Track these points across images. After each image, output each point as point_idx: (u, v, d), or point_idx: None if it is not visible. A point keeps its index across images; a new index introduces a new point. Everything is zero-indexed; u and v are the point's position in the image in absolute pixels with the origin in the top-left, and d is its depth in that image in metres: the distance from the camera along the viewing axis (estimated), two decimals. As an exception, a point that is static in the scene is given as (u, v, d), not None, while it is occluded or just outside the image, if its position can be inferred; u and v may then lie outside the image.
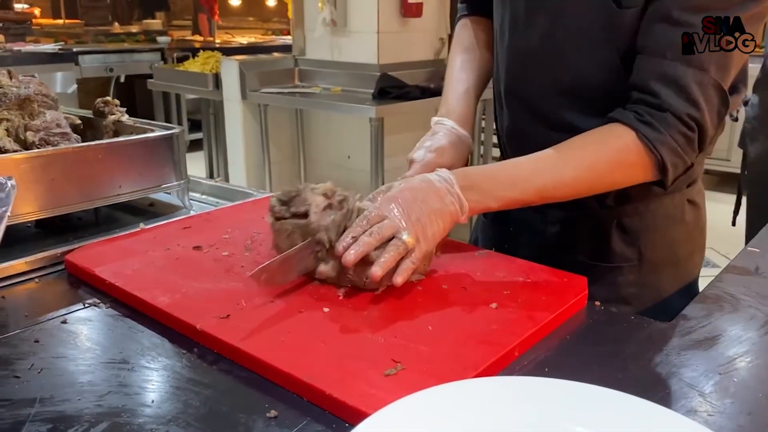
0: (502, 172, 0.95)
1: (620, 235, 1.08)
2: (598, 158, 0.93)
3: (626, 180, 0.95)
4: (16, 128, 1.20)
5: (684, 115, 0.90)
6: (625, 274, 1.08)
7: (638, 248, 1.08)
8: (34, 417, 0.65)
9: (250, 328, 0.78)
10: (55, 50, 5.35)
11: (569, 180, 0.93)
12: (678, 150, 0.91)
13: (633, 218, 1.07)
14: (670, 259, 1.11)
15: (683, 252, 1.12)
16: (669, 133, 0.90)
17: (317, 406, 0.67)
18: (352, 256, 0.83)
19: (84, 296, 0.93)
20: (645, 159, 0.91)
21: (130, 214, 1.31)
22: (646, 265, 1.08)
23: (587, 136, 0.94)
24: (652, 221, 1.08)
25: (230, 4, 8.18)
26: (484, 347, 0.74)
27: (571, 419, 0.57)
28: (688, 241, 1.13)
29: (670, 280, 1.11)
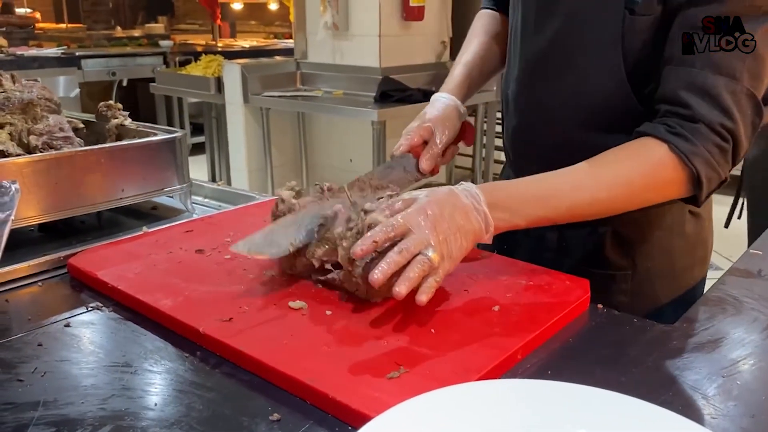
0: (531, 189, 0.90)
1: (615, 243, 1.06)
2: (632, 174, 0.89)
3: (660, 196, 0.92)
4: (19, 132, 1.20)
5: (717, 126, 0.86)
6: (617, 282, 1.06)
7: (632, 258, 1.07)
8: (37, 420, 0.66)
9: (252, 331, 0.79)
10: (57, 54, 5.36)
11: (603, 198, 0.89)
12: (713, 162, 0.87)
13: (629, 227, 1.05)
14: (667, 271, 1.09)
15: (681, 264, 1.10)
16: (703, 144, 0.86)
17: (320, 410, 0.67)
18: (379, 276, 0.77)
19: (87, 300, 0.94)
20: (680, 173, 0.87)
21: (133, 218, 1.31)
22: (640, 274, 1.07)
23: (619, 151, 0.90)
24: (648, 231, 1.06)
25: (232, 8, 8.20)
26: (487, 350, 0.74)
27: (574, 422, 0.57)
28: (688, 253, 1.10)
29: (665, 290, 1.09)
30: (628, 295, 1.06)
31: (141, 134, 1.32)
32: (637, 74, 0.95)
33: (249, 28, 8.54)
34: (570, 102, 1.02)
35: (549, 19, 1.02)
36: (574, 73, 1.01)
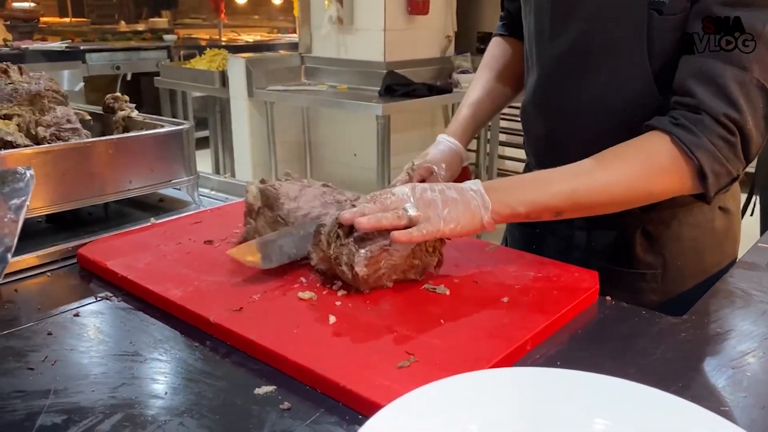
0: (530, 176, 0.90)
1: (644, 242, 1.05)
2: (631, 164, 0.87)
3: (663, 189, 0.89)
4: (27, 123, 1.20)
5: (722, 116, 0.83)
6: (648, 281, 1.04)
7: (663, 256, 1.05)
8: (48, 408, 0.66)
9: (263, 321, 0.79)
10: (62, 48, 5.36)
11: (600, 186, 0.87)
12: (718, 156, 0.84)
13: (658, 226, 1.04)
14: (697, 268, 1.07)
15: (711, 261, 1.08)
16: (706, 136, 0.84)
17: (331, 398, 0.67)
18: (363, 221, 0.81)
19: (96, 290, 0.94)
20: (682, 165, 0.85)
21: (140, 210, 1.31)
22: (670, 273, 1.05)
23: (624, 144, 0.89)
24: (678, 229, 1.04)
25: (236, 2, 8.19)
26: (496, 341, 0.74)
27: (589, 410, 0.57)
28: (717, 249, 1.08)
29: (696, 288, 1.06)
30: (658, 294, 1.04)
31: (148, 126, 1.32)
32: (665, 74, 0.93)
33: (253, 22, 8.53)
34: (595, 106, 1.00)
35: (567, 24, 1.00)
36: (598, 76, 0.99)
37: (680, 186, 0.88)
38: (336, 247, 0.84)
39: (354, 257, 0.83)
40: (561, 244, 1.10)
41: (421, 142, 3.81)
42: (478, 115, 1.21)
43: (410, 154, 1.12)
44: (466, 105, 1.22)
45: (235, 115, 3.98)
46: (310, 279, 0.91)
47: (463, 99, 1.25)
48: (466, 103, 1.23)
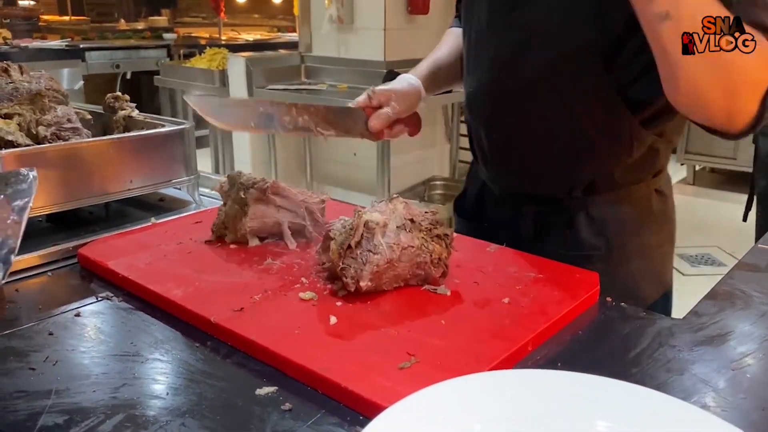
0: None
1: (588, 224, 1.08)
2: None
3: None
4: (27, 123, 1.20)
5: None
6: (594, 262, 1.06)
7: (606, 237, 1.09)
8: (50, 408, 0.66)
9: (264, 321, 0.79)
10: (61, 47, 5.37)
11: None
12: None
13: (600, 208, 1.08)
14: (639, 249, 1.11)
15: (652, 242, 1.13)
16: None
17: (332, 399, 0.67)
18: None
19: (97, 289, 0.94)
20: None
21: (141, 209, 1.31)
22: (614, 253, 1.09)
23: None
24: (618, 211, 1.09)
25: (236, 1, 8.19)
26: (498, 342, 0.74)
27: (590, 413, 0.57)
28: (656, 231, 1.13)
29: (639, 269, 1.11)
30: (605, 276, 1.04)
31: (148, 125, 1.32)
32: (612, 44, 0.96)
33: (252, 21, 8.52)
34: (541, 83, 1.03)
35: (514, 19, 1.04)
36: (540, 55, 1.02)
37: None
38: (345, 259, 0.85)
39: (361, 271, 0.83)
40: (510, 236, 1.11)
41: (421, 141, 3.81)
42: (440, 73, 1.26)
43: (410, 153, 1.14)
44: (429, 59, 1.28)
45: (235, 114, 3.97)
46: (311, 279, 0.91)
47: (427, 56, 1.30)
48: (430, 58, 1.28)
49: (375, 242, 0.84)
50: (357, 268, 0.83)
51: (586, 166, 1.07)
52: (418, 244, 0.86)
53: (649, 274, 1.13)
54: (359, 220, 0.85)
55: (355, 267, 0.83)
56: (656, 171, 1.11)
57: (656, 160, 1.08)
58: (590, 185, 1.07)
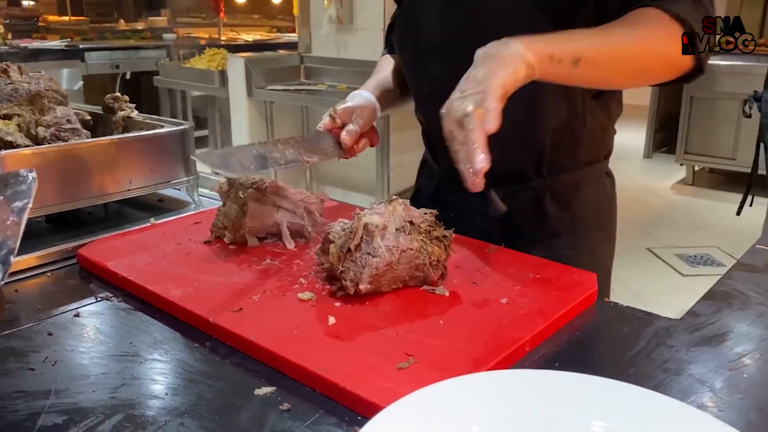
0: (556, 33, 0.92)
1: (554, 202, 1.18)
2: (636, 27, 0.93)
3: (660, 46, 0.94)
4: (27, 123, 1.21)
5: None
6: (561, 235, 1.17)
7: (570, 213, 1.18)
8: (49, 408, 0.66)
9: (263, 322, 0.79)
10: (61, 47, 5.36)
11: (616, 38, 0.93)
12: (696, 18, 0.92)
13: (564, 188, 1.18)
14: (597, 222, 1.23)
15: (606, 218, 1.25)
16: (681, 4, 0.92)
17: (330, 399, 0.68)
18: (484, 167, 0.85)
19: (96, 290, 0.94)
20: (676, 27, 0.92)
21: (140, 210, 1.31)
22: (577, 226, 1.19)
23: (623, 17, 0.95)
24: (580, 190, 1.19)
25: (235, 2, 8.19)
26: (496, 342, 0.75)
27: (587, 412, 0.57)
28: (608, 207, 1.26)
29: (599, 241, 1.23)
30: (571, 248, 1.16)
31: (148, 126, 1.32)
32: None
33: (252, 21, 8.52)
34: None
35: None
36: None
37: (676, 46, 0.93)
38: (345, 262, 0.85)
39: (360, 275, 0.83)
40: (480, 221, 1.13)
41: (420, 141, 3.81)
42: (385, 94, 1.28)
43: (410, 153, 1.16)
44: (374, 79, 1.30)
45: (235, 115, 3.98)
46: (310, 280, 0.91)
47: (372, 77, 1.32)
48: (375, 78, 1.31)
49: (374, 245, 0.84)
50: (356, 271, 0.83)
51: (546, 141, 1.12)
52: (417, 246, 0.87)
53: (604, 246, 1.25)
54: (358, 223, 0.86)
55: (355, 270, 0.84)
56: (607, 153, 1.23)
57: (608, 141, 1.21)
58: (553, 166, 1.15)
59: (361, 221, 0.86)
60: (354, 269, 0.84)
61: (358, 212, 0.88)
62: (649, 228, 4.34)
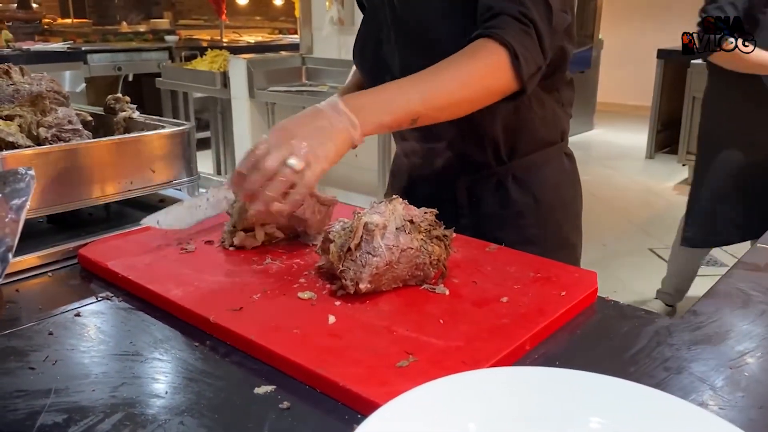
0: (385, 87, 0.98)
1: (516, 185, 1.23)
2: (464, 64, 0.99)
3: (488, 77, 1.00)
4: (28, 124, 1.21)
5: (516, 13, 0.99)
6: (526, 216, 1.23)
7: (532, 194, 1.23)
8: (49, 407, 0.66)
9: (263, 321, 0.79)
10: (64, 49, 5.37)
11: (444, 88, 0.98)
12: (524, 42, 0.99)
13: (524, 170, 1.24)
14: (559, 202, 1.28)
15: (568, 195, 1.31)
16: (510, 29, 0.99)
17: (330, 398, 0.68)
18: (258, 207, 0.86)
19: (96, 290, 0.94)
20: (502, 55, 0.98)
21: (141, 210, 1.31)
22: (541, 207, 1.24)
23: (457, 53, 1.01)
24: (539, 171, 1.25)
25: (237, 3, 8.20)
26: (496, 340, 0.74)
27: (586, 410, 0.57)
28: (570, 185, 1.31)
29: (563, 219, 1.29)
30: (537, 228, 1.23)
31: (149, 127, 1.32)
32: None
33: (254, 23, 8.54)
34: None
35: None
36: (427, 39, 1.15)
37: (503, 75, 1.00)
38: (345, 261, 0.85)
39: (360, 274, 0.83)
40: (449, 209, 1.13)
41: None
42: None
43: None
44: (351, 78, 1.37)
45: (237, 116, 3.99)
46: (310, 279, 0.91)
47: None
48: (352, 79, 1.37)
49: (374, 244, 0.84)
50: (356, 270, 0.83)
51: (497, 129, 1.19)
52: (417, 245, 0.87)
53: (570, 223, 1.31)
54: (358, 223, 0.86)
55: (355, 269, 0.84)
56: (562, 133, 1.29)
57: (560, 124, 1.26)
58: (511, 146, 1.22)
59: (361, 220, 0.86)
60: (354, 268, 0.84)
61: (358, 211, 0.88)
62: (651, 228, 4.34)
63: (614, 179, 5.59)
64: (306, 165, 0.85)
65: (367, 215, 0.87)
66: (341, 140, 0.89)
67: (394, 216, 0.88)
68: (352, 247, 0.84)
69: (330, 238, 0.88)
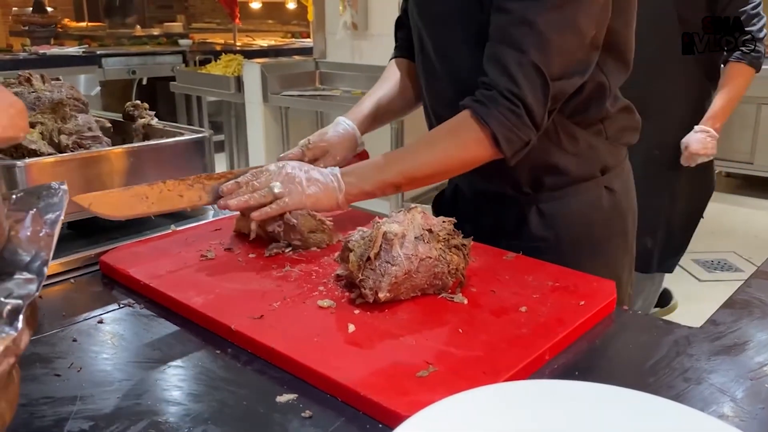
0: (374, 160, 1.09)
1: (538, 218, 1.18)
2: (445, 141, 1.05)
3: (473, 156, 1.04)
4: (50, 132, 1.22)
5: (505, 91, 0.99)
6: (544, 253, 1.11)
7: (554, 230, 1.17)
8: (75, 414, 0.67)
9: (283, 329, 0.80)
10: (79, 53, 5.41)
11: (424, 163, 1.05)
12: (507, 123, 0.99)
13: (550, 203, 1.18)
14: (587, 240, 1.19)
15: (601, 234, 1.20)
16: (496, 108, 0.99)
17: (351, 407, 0.68)
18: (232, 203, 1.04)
19: (118, 297, 0.95)
20: (480, 134, 1.01)
21: (159, 216, 1.32)
22: (563, 245, 1.17)
23: (441, 125, 1.07)
24: (567, 206, 1.18)
25: (250, 7, 8.24)
26: (515, 350, 0.75)
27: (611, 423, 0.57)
28: (605, 224, 1.21)
29: (588, 259, 1.15)
30: None
31: (168, 134, 1.34)
32: None
33: (266, 27, 8.57)
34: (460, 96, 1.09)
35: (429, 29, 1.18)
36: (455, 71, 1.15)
37: (484, 152, 1.03)
38: (364, 270, 0.85)
39: (380, 283, 0.84)
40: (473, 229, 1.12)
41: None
42: (380, 111, 1.33)
43: None
44: (370, 97, 1.36)
45: (250, 120, 4.00)
46: (329, 287, 0.92)
47: (368, 93, 1.39)
48: (370, 96, 1.36)
49: (393, 253, 0.85)
50: (376, 279, 0.84)
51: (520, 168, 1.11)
52: (435, 254, 0.87)
53: (598, 266, 1.16)
54: (378, 232, 0.86)
55: (374, 278, 0.84)
56: (601, 168, 1.18)
57: (598, 158, 1.17)
58: (536, 181, 1.16)
59: (380, 230, 0.86)
60: (373, 277, 0.84)
61: (377, 220, 0.89)
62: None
63: (627, 183, 5.55)
64: (288, 194, 1.02)
65: (386, 224, 0.87)
66: (325, 195, 1.04)
67: (413, 225, 0.88)
68: (372, 257, 0.85)
69: (349, 247, 0.89)
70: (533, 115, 1.00)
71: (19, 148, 1.16)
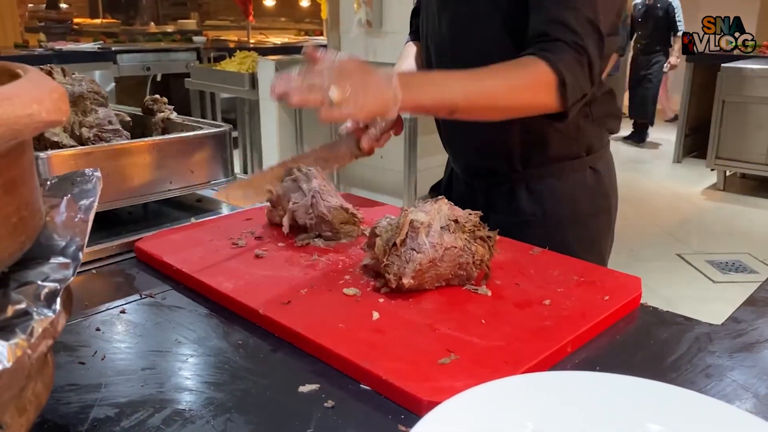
0: (432, 75, 1.08)
1: (527, 195, 1.24)
2: (508, 70, 1.03)
3: (531, 94, 1.04)
4: (71, 125, 1.23)
5: (570, 42, 1.02)
6: (532, 227, 1.21)
7: (542, 206, 1.24)
8: (101, 401, 0.68)
9: (310, 314, 0.81)
10: (94, 49, 5.46)
11: (489, 89, 1.02)
12: (574, 70, 1.02)
13: (538, 181, 1.24)
14: (572, 217, 1.25)
15: (585, 211, 1.27)
16: (563, 56, 1.02)
17: (374, 397, 0.69)
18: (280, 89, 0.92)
19: (140, 287, 0.96)
20: (550, 76, 1.01)
21: (178, 209, 1.33)
22: (549, 220, 1.23)
23: (507, 62, 1.04)
24: (554, 183, 1.24)
25: (264, 5, 8.26)
26: (537, 341, 0.75)
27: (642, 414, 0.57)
28: (590, 202, 1.27)
29: (574, 235, 1.24)
30: (542, 240, 1.16)
31: (187, 128, 1.35)
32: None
33: (280, 24, 8.60)
34: None
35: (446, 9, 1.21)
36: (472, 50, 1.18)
37: (546, 97, 1.03)
38: (389, 256, 0.86)
39: (404, 269, 0.84)
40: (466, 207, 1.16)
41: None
42: None
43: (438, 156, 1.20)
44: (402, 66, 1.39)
45: (264, 117, 4.02)
46: (355, 276, 0.93)
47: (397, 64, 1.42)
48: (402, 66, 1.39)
49: (419, 241, 0.86)
50: (400, 265, 0.85)
51: (515, 138, 1.20)
52: (461, 245, 0.88)
53: (583, 241, 1.26)
54: (405, 219, 0.87)
55: (399, 264, 0.85)
56: (586, 148, 1.25)
57: (583, 138, 1.24)
58: (526, 158, 1.22)
59: (407, 217, 0.87)
60: (398, 263, 0.85)
61: (405, 209, 0.90)
62: (679, 234, 4.30)
63: (642, 184, 5.55)
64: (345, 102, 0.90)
65: (414, 213, 0.88)
66: (380, 104, 0.94)
67: (439, 215, 0.89)
68: (398, 243, 0.86)
69: (376, 233, 0.90)
70: (593, 68, 1.03)
71: (42, 140, 1.17)
